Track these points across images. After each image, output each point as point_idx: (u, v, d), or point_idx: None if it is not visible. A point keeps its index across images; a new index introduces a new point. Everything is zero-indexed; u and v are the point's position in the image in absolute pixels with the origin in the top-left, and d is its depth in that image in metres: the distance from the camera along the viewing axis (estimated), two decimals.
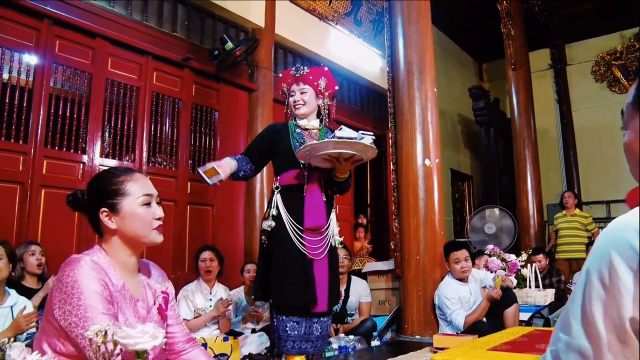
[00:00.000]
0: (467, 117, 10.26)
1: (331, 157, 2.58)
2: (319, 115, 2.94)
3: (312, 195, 2.75)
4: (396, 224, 4.31)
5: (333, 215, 2.85)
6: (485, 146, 9.76)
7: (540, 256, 5.62)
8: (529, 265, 5.06)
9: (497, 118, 9.69)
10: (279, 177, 2.83)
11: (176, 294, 2.05)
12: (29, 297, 3.11)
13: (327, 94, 2.91)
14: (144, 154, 5.04)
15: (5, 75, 4.15)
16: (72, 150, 4.53)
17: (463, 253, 3.95)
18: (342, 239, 2.91)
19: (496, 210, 7.20)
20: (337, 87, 2.97)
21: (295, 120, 2.91)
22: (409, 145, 4.21)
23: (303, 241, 2.68)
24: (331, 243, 2.78)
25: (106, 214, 1.51)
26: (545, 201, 8.49)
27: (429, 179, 4.17)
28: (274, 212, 2.73)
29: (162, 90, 5.31)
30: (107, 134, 4.93)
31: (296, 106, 2.85)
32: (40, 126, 4.29)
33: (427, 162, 4.17)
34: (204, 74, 5.70)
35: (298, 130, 2.86)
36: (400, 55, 4.39)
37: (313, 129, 2.88)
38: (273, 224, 2.71)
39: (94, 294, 1.35)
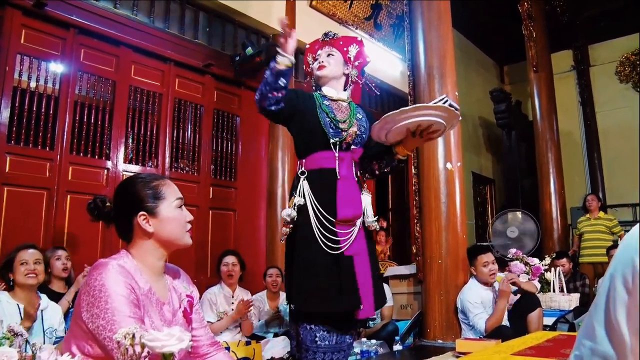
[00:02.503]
0: (488, 120, 10.17)
1: (415, 128, 2.21)
2: (346, 87, 2.58)
3: (345, 182, 2.34)
4: (418, 228, 4.30)
5: (367, 199, 2.44)
6: (507, 149, 9.68)
7: (564, 260, 5.54)
8: (552, 269, 5.00)
9: (519, 121, 9.59)
10: (304, 160, 2.40)
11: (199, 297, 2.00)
12: (56, 301, 3.17)
13: (356, 63, 2.60)
14: (167, 160, 5.10)
15: (33, 84, 4.24)
16: (96, 157, 4.61)
17: (490, 256, 3.92)
18: (377, 224, 2.50)
19: (519, 214, 7.12)
20: (368, 60, 2.64)
21: (320, 91, 2.52)
22: (430, 149, 4.19)
23: (337, 236, 2.27)
24: (368, 234, 2.42)
25: (144, 217, 1.54)
26: (569, 204, 8.36)
27: (450, 182, 4.15)
28: (299, 200, 2.29)
29: (184, 96, 5.37)
30: (130, 140, 5.00)
31: (319, 67, 2.50)
32: (65, 133, 4.38)
33: (448, 165, 4.15)
34: (225, 80, 5.76)
35: (326, 102, 2.45)
36: (421, 59, 4.39)
37: (342, 101, 2.50)
38: (294, 213, 2.27)
39: (121, 297, 1.38)
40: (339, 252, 2.25)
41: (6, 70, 4.05)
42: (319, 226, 2.27)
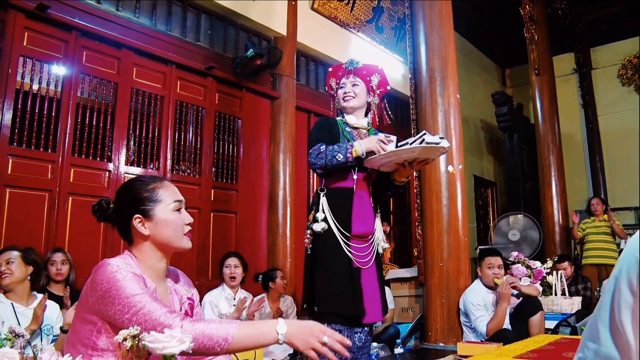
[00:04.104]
0: (490, 123, 10.16)
1: (402, 162, 2.44)
2: (366, 114, 2.83)
3: (360, 201, 2.61)
4: (419, 231, 4.29)
5: (378, 221, 2.73)
6: (509, 152, 9.66)
7: (566, 264, 5.53)
8: (554, 272, 4.98)
9: (521, 124, 9.58)
10: (324, 180, 2.66)
11: (200, 300, 2.02)
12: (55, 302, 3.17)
13: (378, 92, 2.82)
14: (168, 162, 5.10)
15: (35, 86, 4.25)
16: (98, 159, 4.61)
17: (497, 260, 3.92)
18: (387, 245, 2.77)
19: (520, 217, 7.11)
20: (389, 87, 2.87)
21: (343, 117, 2.77)
22: None
23: (350, 249, 2.54)
24: (377, 251, 2.67)
25: (139, 220, 1.55)
26: (571, 207, 8.34)
27: (452, 185, 4.15)
28: (321, 215, 2.55)
29: (186, 98, 5.37)
30: (132, 143, 5.00)
31: (345, 98, 2.72)
32: (67, 135, 4.38)
33: (450, 168, 4.15)
34: (227, 83, 5.76)
35: (348, 129, 2.71)
36: (423, 62, 4.39)
37: (362, 129, 2.76)
38: (326, 226, 2.53)
39: (130, 282, 1.39)
40: (349, 262, 2.51)
41: (9, 72, 4.05)
42: (335, 239, 2.53)
